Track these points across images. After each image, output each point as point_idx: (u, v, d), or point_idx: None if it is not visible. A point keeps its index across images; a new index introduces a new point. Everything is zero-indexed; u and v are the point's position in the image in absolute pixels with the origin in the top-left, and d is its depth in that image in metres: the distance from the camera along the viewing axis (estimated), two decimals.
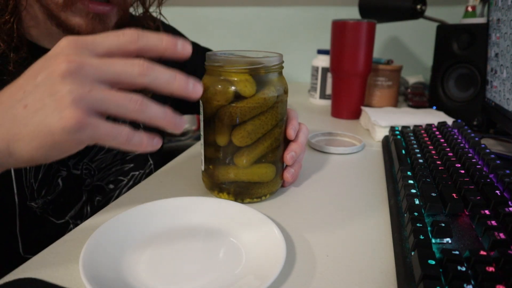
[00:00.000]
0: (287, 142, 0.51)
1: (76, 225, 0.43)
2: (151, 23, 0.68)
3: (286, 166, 0.52)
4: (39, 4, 0.52)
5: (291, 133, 0.50)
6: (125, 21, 0.60)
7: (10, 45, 0.50)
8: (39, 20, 0.53)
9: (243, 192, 0.49)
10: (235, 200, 0.49)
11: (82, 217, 0.44)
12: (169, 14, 0.75)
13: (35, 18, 0.53)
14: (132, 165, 0.69)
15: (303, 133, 0.52)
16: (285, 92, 0.48)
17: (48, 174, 0.56)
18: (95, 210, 0.61)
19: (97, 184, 0.66)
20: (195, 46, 0.84)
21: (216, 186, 0.49)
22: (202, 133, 0.49)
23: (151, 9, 0.68)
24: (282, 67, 0.48)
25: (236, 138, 0.46)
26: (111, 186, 0.67)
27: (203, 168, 0.51)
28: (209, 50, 0.87)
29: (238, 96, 0.45)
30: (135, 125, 0.69)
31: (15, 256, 0.54)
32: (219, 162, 0.48)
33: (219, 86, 0.45)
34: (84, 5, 0.51)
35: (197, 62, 0.82)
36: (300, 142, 0.51)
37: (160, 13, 0.67)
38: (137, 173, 0.70)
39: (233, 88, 0.45)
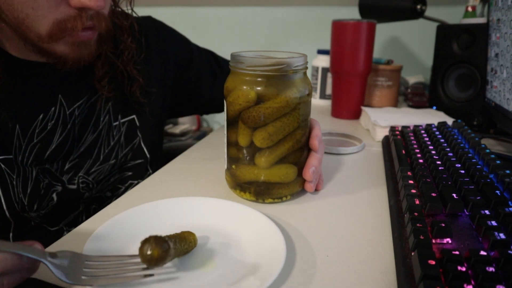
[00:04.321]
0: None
1: (70, 232, 0.43)
2: (123, 20, 0.64)
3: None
4: (16, 34, 0.48)
5: (316, 143, 0.49)
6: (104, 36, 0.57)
7: None
8: (15, 40, 0.50)
9: (264, 192, 0.48)
10: (256, 200, 0.49)
11: (76, 224, 0.43)
12: (169, 14, 0.75)
13: (10, 39, 0.50)
14: (130, 173, 0.68)
15: (322, 143, 0.52)
16: (309, 93, 0.48)
17: (37, 189, 0.55)
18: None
19: (96, 196, 0.65)
20: (197, 48, 0.83)
21: (238, 185, 0.50)
22: (226, 133, 0.49)
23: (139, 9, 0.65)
24: (306, 68, 0.47)
25: (257, 140, 0.46)
26: (109, 194, 0.67)
27: (226, 167, 0.51)
28: (210, 52, 0.86)
29: (261, 98, 0.44)
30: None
31: None
32: (241, 162, 0.48)
33: (244, 87, 0.45)
34: (73, 36, 0.49)
35: (200, 65, 0.81)
36: (320, 156, 0.50)
37: (132, 10, 0.64)
38: (135, 182, 0.69)
39: (256, 89, 0.44)
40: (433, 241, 0.37)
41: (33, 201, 0.55)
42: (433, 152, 0.57)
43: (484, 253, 0.32)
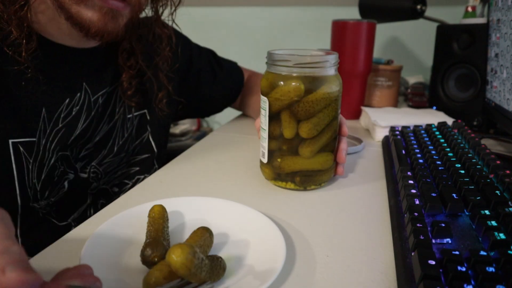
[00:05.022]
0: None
1: (76, 227, 0.43)
2: (164, 29, 0.67)
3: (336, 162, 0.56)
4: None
5: (346, 129, 0.55)
6: (135, 25, 0.58)
7: (22, 34, 0.49)
8: (49, 12, 0.51)
9: (308, 180, 0.52)
10: (299, 187, 0.53)
11: (84, 220, 0.43)
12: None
13: (45, 11, 0.52)
14: (137, 168, 0.69)
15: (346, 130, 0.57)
16: (341, 86, 0.52)
17: (52, 175, 0.56)
18: None
19: (102, 188, 0.65)
20: (197, 48, 0.83)
21: (280, 176, 0.53)
22: (266, 128, 0.52)
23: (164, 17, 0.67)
24: (338, 64, 0.52)
25: (304, 131, 0.50)
26: (116, 189, 0.67)
27: (265, 161, 0.54)
28: (211, 51, 0.86)
29: (307, 92, 0.48)
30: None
31: None
32: (284, 153, 0.52)
33: (293, 83, 0.48)
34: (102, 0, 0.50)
35: (200, 65, 0.81)
36: (346, 140, 0.56)
37: (173, 21, 0.66)
38: (142, 176, 0.69)
39: (304, 84, 0.48)
40: (433, 241, 0.37)
41: (46, 188, 0.55)
42: (433, 152, 0.57)
43: (484, 253, 0.32)
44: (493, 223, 0.37)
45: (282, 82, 0.49)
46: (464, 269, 0.30)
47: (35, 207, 0.55)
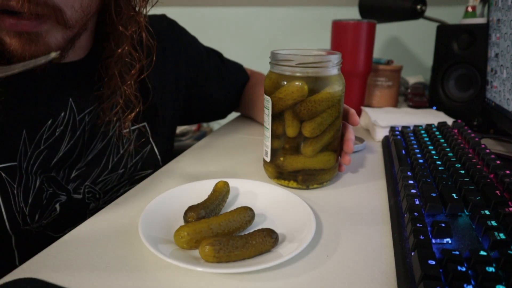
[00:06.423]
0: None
1: (69, 232, 0.42)
2: (133, 27, 0.55)
3: (342, 152, 0.56)
4: None
5: (358, 119, 0.57)
6: (81, 31, 0.50)
7: None
8: None
9: (310, 179, 0.53)
10: (302, 186, 0.53)
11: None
12: (169, 14, 0.75)
13: None
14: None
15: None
16: (344, 86, 0.52)
17: (40, 198, 0.52)
18: None
19: (103, 207, 0.62)
20: (206, 50, 0.81)
21: (283, 175, 0.54)
22: (269, 127, 0.53)
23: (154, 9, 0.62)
24: (341, 64, 0.52)
25: (307, 130, 0.50)
26: None
27: (268, 159, 0.55)
28: (217, 53, 0.85)
29: (311, 92, 0.49)
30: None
31: (11, 267, 0.52)
32: (287, 152, 0.52)
33: (297, 83, 0.48)
34: (2, 21, 0.42)
35: (209, 68, 0.79)
36: (352, 130, 0.57)
37: (145, 14, 0.56)
38: None
39: (307, 83, 0.48)
40: (433, 241, 0.37)
41: (35, 211, 0.52)
42: (433, 152, 0.57)
43: (484, 253, 0.32)
44: (493, 223, 0.37)
45: (285, 82, 0.49)
46: (464, 269, 0.30)
47: (28, 229, 0.52)
